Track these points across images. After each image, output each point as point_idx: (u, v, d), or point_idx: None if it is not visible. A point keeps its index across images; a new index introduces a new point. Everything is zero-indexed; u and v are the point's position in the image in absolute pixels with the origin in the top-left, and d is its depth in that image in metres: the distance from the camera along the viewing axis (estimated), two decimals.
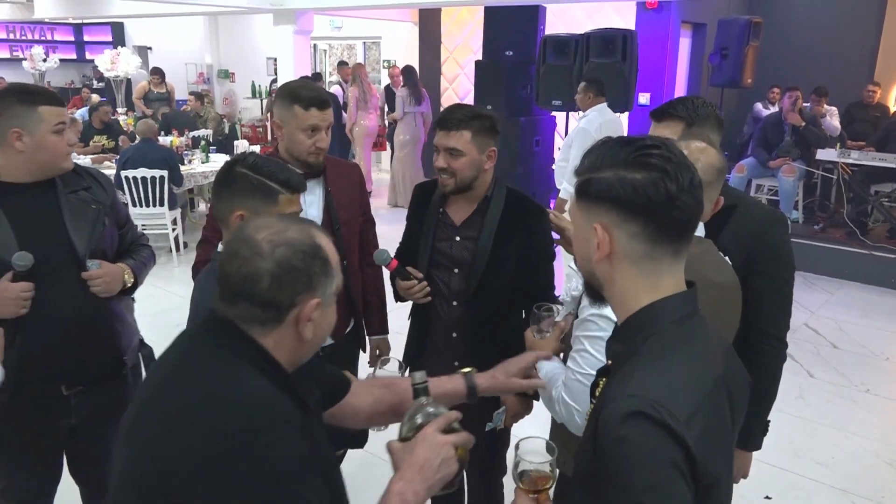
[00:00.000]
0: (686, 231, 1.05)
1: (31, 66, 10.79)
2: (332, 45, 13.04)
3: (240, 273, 1.10)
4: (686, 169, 1.03)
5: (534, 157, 7.82)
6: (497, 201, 2.16)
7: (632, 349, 1.05)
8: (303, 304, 1.12)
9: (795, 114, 6.84)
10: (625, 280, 1.07)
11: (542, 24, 7.62)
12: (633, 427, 0.94)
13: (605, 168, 1.05)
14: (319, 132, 2.22)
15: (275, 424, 1.04)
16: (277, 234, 1.12)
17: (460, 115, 2.06)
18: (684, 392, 0.98)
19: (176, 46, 13.69)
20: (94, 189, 2.09)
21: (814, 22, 8.83)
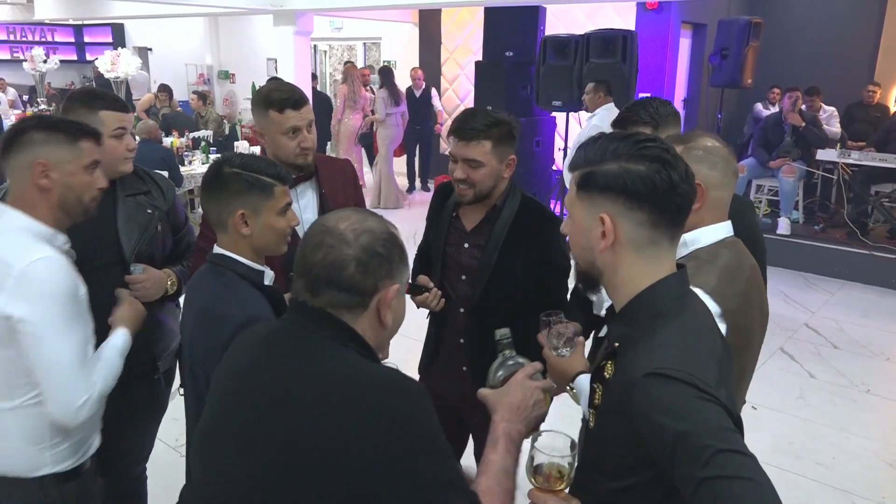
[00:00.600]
0: (683, 217, 1.14)
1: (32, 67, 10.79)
2: (332, 46, 13.04)
3: (326, 261, 1.14)
4: (680, 160, 1.12)
5: (534, 157, 7.82)
6: (509, 209, 2.09)
7: (639, 330, 1.11)
8: (385, 290, 1.17)
9: (796, 114, 6.84)
10: (628, 267, 1.14)
11: (543, 25, 7.63)
12: (673, 389, 1.00)
13: (607, 161, 1.12)
14: (300, 132, 2.12)
15: (424, 398, 1.10)
16: (359, 223, 1.18)
17: (480, 124, 1.97)
18: (706, 361, 1.07)
19: (176, 47, 13.70)
20: (153, 193, 2.15)
21: (814, 22, 8.83)
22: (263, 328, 1.25)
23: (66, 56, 13.40)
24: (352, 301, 1.15)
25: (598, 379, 1.20)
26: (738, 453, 0.94)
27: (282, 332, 1.19)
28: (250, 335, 1.24)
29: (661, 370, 1.02)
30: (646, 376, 1.03)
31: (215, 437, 1.15)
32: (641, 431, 1.03)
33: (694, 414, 0.98)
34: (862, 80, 8.23)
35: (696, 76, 8.76)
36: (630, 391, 1.04)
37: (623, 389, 1.07)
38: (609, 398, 1.14)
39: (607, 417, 1.14)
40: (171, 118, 8.81)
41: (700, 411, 0.99)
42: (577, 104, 6.86)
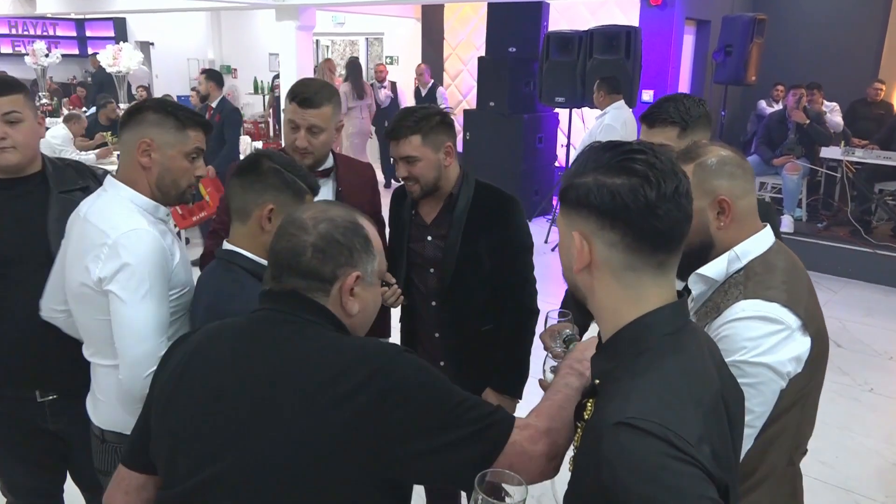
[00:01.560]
0: (669, 242, 0.99)
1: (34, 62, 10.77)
2: (334, 42, 13.02)
3: (286, 248, 1.19)
4: (671, 176, 0.97)
5: (536, 154, 7.81)
6: (464, 196, 2.12)
7: (621, 368, 0.99)
8: (345, 277, 1.19)
9: (800, 111, 6.81)
10: (606, 292, 1.02)
11: (546, 21, 7.60)
12: (644, 445, 0.88)
13: (587, 173, 1.00)
14: (298, 130, 2.12)
15: (410, 354, 1.15)
16: (321, 212, 1.22)
17: (406, 122, 2.03)
18: (689, 413, 0.93)
19: (178, 42, 13.68)
20: (91, 189, 1.98)
21: (818, 19, 8.79)
22: (234, 322, 1.24)
23: (67, 50, 13.37)
24: (311, 286, 1.18)
25: (579, 418, 1.09)
26: None
27: (259, 321, 1.20)
28: (221, 330, 1.24)
29: (632, 420, 0.89)
30: (616, 425, 0.90)
31: (202, 435, 1.13)
32: (607, 487, 0.89)
33: (663, 478, 0.86)
34: (866, 77, 8.20)
35: (699, 73, 8.73)
36: (599, 439, 0.92)
37: (594, 436, 0.94)
38: (585, 441, 1.02)
39: (582, 463, 1.02)
40: None
41: (671, 474, 0.86)
42: (580, 100, 6.84)
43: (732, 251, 1.44)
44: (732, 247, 1.45)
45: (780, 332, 1.35)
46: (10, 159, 1.87)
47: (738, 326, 1.35)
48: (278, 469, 1.06)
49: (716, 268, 1.45)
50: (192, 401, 1.16)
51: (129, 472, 1.27)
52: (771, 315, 1.36)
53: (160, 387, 1.23)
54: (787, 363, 1.35)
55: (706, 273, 1.46)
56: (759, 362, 1.33)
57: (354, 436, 1.05)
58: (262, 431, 1.08)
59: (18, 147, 1.87)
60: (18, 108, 1.87)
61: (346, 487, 1.07)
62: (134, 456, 1.27)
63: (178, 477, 1.14)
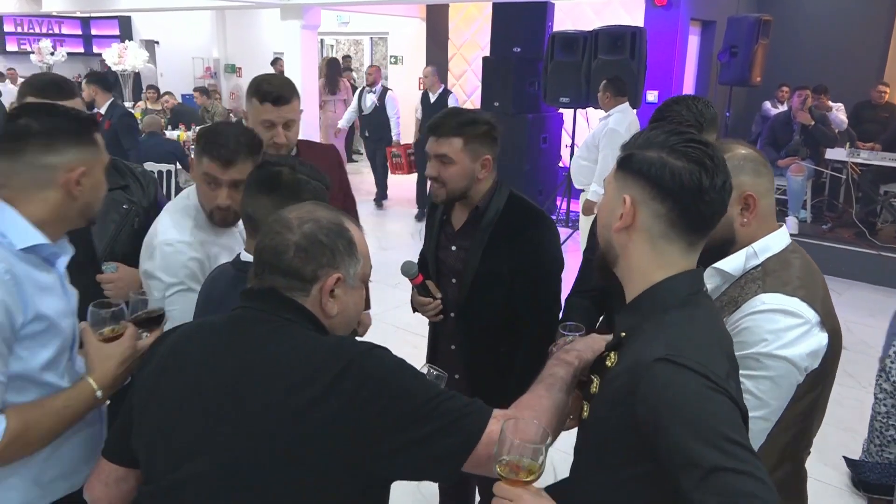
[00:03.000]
0: (705, 227, 1.13)
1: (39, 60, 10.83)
2: (338, 41, 13.03)
3: (270, 245, 1.19)
4: (722, 172, 1.11)
5: (541, 154, 7.80)
6: (493, 209, 2.04)
7: (648, 321, 1.11)
8: (325, 278, 1.19)
9: (805, 113, 6.80)
10: (639, 254, 1.15)
11: (551, 21, 7.60)
12: (684, 378, 1.00)
13: (652, 148, 1.13)
14: (275, 128, 2.16)
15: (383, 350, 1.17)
16: (308, 213, 1.22)
17: (452, 122, 1.97)
18: (716, 354, 1.07)
19: (183, 41, 13.70)
20: (131, 188, 2.02)
21: (824, 21, 8.77)
22: (213, 320, 1.26)
23: (73, 48, 13.41)
24: (291, 285, 1.18)
25: (598, 370, 1.21)
26: (733, 472, 0.92)
27: (237, 319, 1.21)
28: (200, 328, 1.26)
29: (672, 357, 1.02)
30: (656, 361, 1.02)
31: (179, 432, 1.14)
32: (643, 418, 1.01)
33: (702, 404, 0.98)
34: (871, 79, 8.18)
35: (704, 74, 8.72)
36: (637, 377, 1.04)
37: (630, 375, 1.06)
38: (610, 386, 1.13)
39: (607, 406, 1.12)
40: (179, 112, 8.81)
41: (709, 401, 0.98)
42: (584, 101, 6.84)
43: (750, 247, 1.47)
44: (746, 240, 1.47)
45: (800, 326, 1.37)
46: None
47: (759, 319, 1.37)
48: (254, 468, 1.07)
49: (733, 263, 1.47)
50: (171, 397, 1.17)
51: (109, 464, 1.28)
52: (791, 309, 1.37)
53: (141, 382, 1.24)
54: (805, 357, 1.37)
55: (723, 267, 1.47)
56: (779, 355, 1.35)
57: (331, 432, 1.06)
58: (237, 430, 1.09)
59: None
60: None
61: (322, 487, 1.08)
62: (115, 449, 1.28)
63: (157, 473, 1.16)
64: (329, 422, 1.06)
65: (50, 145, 1.34)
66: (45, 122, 1.34)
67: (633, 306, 1.16)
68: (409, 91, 10.89)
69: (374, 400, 1.08)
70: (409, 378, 1.14)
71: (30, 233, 1.34)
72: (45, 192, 1.35)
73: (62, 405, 1.34)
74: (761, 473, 0.94)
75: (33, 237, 1.34)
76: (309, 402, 1.06)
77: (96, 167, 1.43)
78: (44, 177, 1.35)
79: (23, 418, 1.28)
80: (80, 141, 1.39)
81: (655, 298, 1.13)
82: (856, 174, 6.88)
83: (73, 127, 1.38)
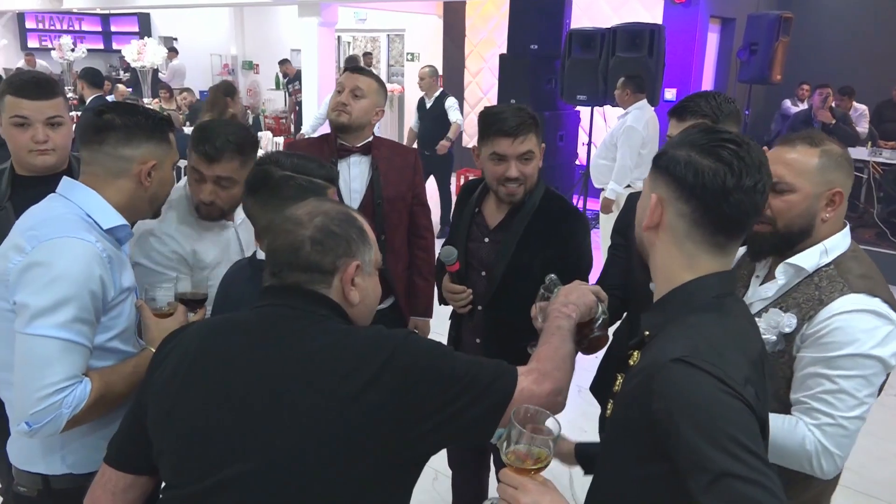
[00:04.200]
0: (732, 228, 1.10)
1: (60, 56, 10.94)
2: (355, 38, 13.05)
3: (284, 244, 1.19)
4: (755, 172, 1.07)
5: (557, 151, 7.76)
6: (530, 202, 2.04)
7: (673, 321, 1.10)
8: (345, 267, 1.20)
9: (826, 111, 6.72)
10: (665, 253, 1.14)
11: (568, 18, 7.55)
12: (698, 379, 0.98)
13: (683, 147, 1.11)
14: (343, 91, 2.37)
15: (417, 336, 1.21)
16: (315, 207, 1.23)
17: (525, 119, 1.93)
18: (735, 358, 1.04)
19: (201, 37, 13.78)
20: None
21: (845, 18, 8.66)
22: (238, 318, 1.24)
23: (93, 45, 13.55)
24: (312, 279, 1.18)
25: (622, 368, 1.21)
26: (742, 479, 0.91)
27: (266, 316, 1.19)
28: (225, 326, 1.23)
29: (688, 358, 1.00)
30: (672, 361, 1.01)
31: (215, 436, 1.11)
32: (657, 417, 1.01)
33: (714, 407, 0.96)
34: (893, 77, 8.06)
35: (723, 71, 8.64)
36: (653, 375, 1.03)
37: (647, 373, 1.05)
38: (629, 384, 1.13)
39: (625, 404, 1.14)
40: (197, 108, 8.86)
41: (721, 405, 0.97)
42: (602, 98, 6.79)
43: (822, 245, 1.48)
44: (822, 239, 1.48)
45: (886, 326, 1.40)
46: (49, 161, 1.90)
47: (851, 319, 1.39)
48: (302, 463, 1.07)
49: (809, 259, 1.48)
50: (200, 400, 1.14)
51: (115, 472, 1.24)
52: (878, 310, 1.40)
53: (159, 386, 1.19)
54: (892, 358, 1.40)
55: (800, 263, 1.48)
56: (873, 355, 1.38)
57: (377, 424, 1.07)
58: (280, 429, 1.08)
59: (58, 149, 1.91)
60: (60, 111, 1.90)
61: (368, 474, 1.09)
62: (122, 457, 1.24)
63: (191, 477, 1.12)
64: (374, 413, 1.07)
65: (128, 139, 1.51)
66: (125, 119, 1.52)
67: (659, 306, 1.16)
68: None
69: (415, 387, 1.10)
70: (443, 360, 1.16)
71: (113, 215, 1.51)
72: (120, 181, 1.52)
73: (132, 370, 1.49)
74: (771, 483, 0.92)
75: (116, 219, 1.51)
76: (353, 396, 1.07)
77: (166, 163, 1.59)
78: (120, 166, 1.51)
79: (104, 381, 1.43)
80: (154, 137, 1.55)
81: (681, 299, 1.12)
82: (878, 174, 6.79)
83: (149, 125, 1.55)
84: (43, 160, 1.88)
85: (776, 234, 1.48)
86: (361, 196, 2.42)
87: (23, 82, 1.88)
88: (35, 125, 1.85)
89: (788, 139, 1.52)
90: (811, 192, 1.44)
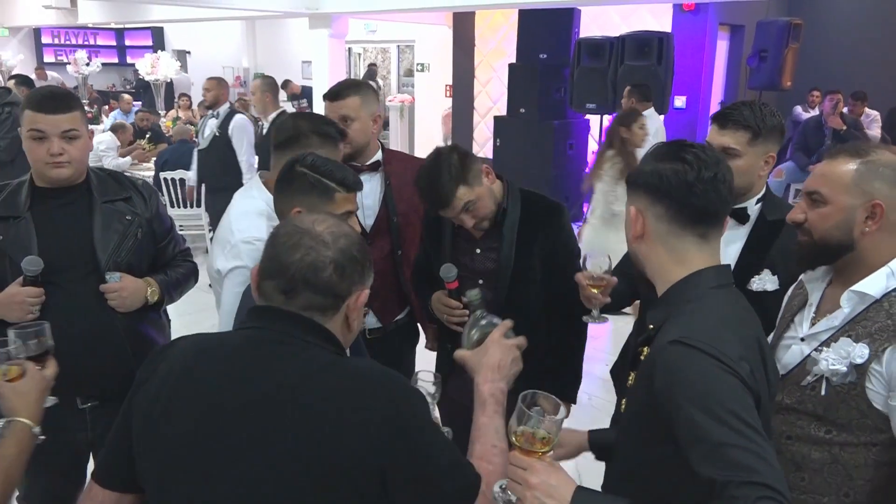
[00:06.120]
0: (708, 217, 1.22)
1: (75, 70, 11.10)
2: (366, 49, 13.14)
3: (304, 261, 1.14)
4: (713, 166, 1.21)
5: (567, 160, 7.77)
6: (513, 210, 2.08)
7: (674, 313, 1.19)
8: (357, 294, 1.19)
9: (836, 117, 6.69)
10: (656, 256, 1.25)
11: (577, 27, 7.58)
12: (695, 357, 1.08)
13: (648, 162, 1.26)
14: None
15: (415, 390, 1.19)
16: (336, 226, 1.20)
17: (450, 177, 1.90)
18: (729, 337, 1.13)
19: (214, 50, 13.94)
20: (133, 200, 2.05)
21: (855, 23, 8.63)
22: (224, 340, 1.21)
23: (107, 59, 13.73)
24: (326, 303, 1.16)
25: (634, 366, 1.29)
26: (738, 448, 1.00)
27: (256, 340, 1.15)
28: (211, 348, 1.19)
29: (684, 339, 1.10)
30: (670, 343, 1.11)
31: (198, 459, 1.09)
32: (660, 398, 1.11)
33: (709, 382, 1.06)
34: None
35: (733, 79, 8.62)
36: (655, 359, 1.14)
37: (652, 359, 1.16)
38: (639, 374, 1.23)
39: (635, 394, 1.24)
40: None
41: (716, 380, 1.06)
42: (611, 107, 6.80)
43: (888, 267, 1.41)
44: (874, 256, 1.41)
45: None
46: (64, 174, 1.92)
47: None
48: (278, 495, 1.05)
49: (875, 284, 1.41)
50: (185, 423, 1.11)
51: (102, 490, 1.22)
52: None
53: (145, 406, 1.16)
54: None
55: (864, 290, 1.42)
56: None
57: (359, 471, 1.05)
58: (264, 457, 1.06)
59: (73, 162, 1.92)
60: (77, 125, 1.92)
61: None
62: (109, 474, 1.22)
63: (172, 500, 1.12)
64: (359, 461, 1.05)
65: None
66: None
67: (661, 302, 1.26)
68: (435, 100, 10.95)
69: (405, 455, 1.07)
70: (436, 438, 1.13)
71: None
72: None
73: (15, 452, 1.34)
74: (765, 452, 1.01)
75: None
76: (344, 433, 1.05)
77: None
78: None
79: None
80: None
81: (679, 292, 1.22)
82: None
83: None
84: (58, 173, 1.91)
85: (814, 245, 1.45)
86: (375, 213, 2.41)
87: (41, 97, 1.91)
88: (51, 138, 1.87)
89: (834, 151, 1.49)
90: (846, 205, 1.40)
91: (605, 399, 3.65)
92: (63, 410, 1.94)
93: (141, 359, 2.01)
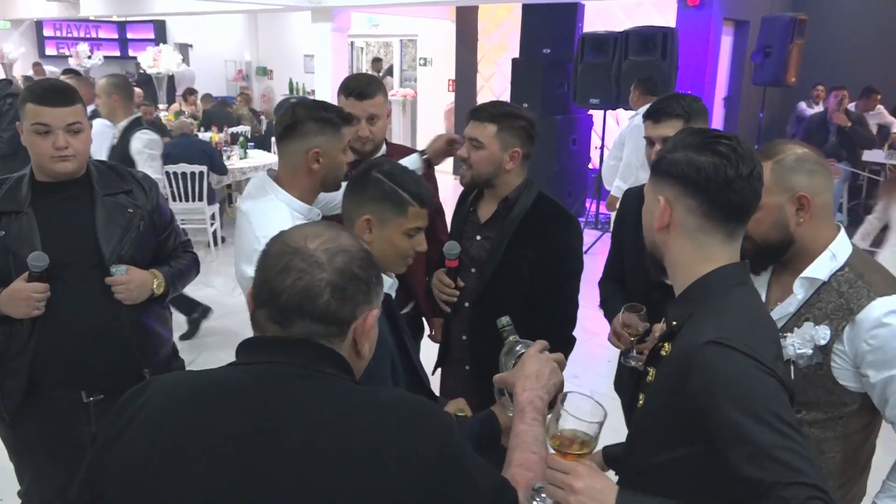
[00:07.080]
0: (740, 214, 1.19)
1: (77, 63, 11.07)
2: (368, 43, 13.11)
3: (296, 288, 0.98)
4: (749, 161, 1.16)
5: (570, 156, 7.76)
6: (522, 204, 2.09)
7: (700, 310, 1.17)
8: (364, 317, 1.04)
9: (841, 114, 6.67)
10: (680, 250, 1.22)
11: (581, 22, 7.56)
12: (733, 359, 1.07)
13: (679, 150, 1.20)
14: (359, 122, 2.27)
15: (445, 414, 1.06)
16: (331, 241, 1.02)
17: (491, 110, 2.06)
18: (763, 339, 1.14)
19: (216, 44, 13.90)
20: (135, 193, 2.04)
21: (860, 19, 8.59)
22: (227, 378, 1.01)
23: (109, 52, 13.69)
24: (328, 332, 1.00)
25: (653, 361, 1.28)
26: (782, 449, 1.01)
27: (269, 377, 0.99)
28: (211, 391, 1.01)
29: (722, 339, 1.08)
30: (707, 344, 1.09)
31: None
32: (693, 398, 1.09)
33: (750, 384, 1.06)
34: None
35: (737, 74, 8.59)
36: (690, 359, 1.11)
37: (681, 360, 1.13)
38: (662, 372, 1.21)
39: (659, 392, 1.21)
40: (212, 114, 8.94)
41: (756, 381, 1.06)
42: (614, 102, 6.78)
43: (828, 251, 1.49)
44: (813, 243, 1.49)
45: None
46: (69, 167, 1.92)
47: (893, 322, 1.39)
48: None
49: (822, 268, 1.49)
50: (191, 478, 0.94)
51: None
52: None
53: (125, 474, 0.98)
54: None
55: (814, 275, 1.49)
56: None
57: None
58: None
59: (77, 155, 1.92)
60: (80, 118, 1.91)
61: None
62: None
63: None
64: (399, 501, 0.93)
65: None
66: None
67: (683, 297, 1.23)
68: (438, 94, 10.92)
69: (448, 488, 0.96)
70: (473, 464, 1.02)
71: None
72: None
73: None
74: (807, 452, 1.02)
75: None
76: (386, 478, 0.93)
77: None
78: None
79: None
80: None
81: (704, 288, 1.19)
82: None
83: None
84: (63, 166, 1.90)
85: (759, 249, 1.49)
86: None
87: (43, 90, 1.90)
88: (56, 132, 1.86)
89: None
90: (774, 204, 1.45)
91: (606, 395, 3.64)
92: (68, 405, 1.96)
93: (146, 352, 2.06)
